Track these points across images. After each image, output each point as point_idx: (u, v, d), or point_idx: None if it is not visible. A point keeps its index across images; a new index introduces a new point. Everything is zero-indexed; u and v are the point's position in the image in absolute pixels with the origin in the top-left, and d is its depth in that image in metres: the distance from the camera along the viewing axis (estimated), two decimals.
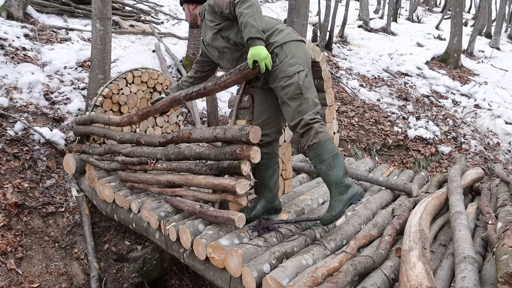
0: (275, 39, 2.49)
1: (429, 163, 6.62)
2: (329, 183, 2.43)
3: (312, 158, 2.45)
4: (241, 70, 2.36)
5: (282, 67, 2.45)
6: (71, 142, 4.39)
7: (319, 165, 2.42)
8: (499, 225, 2.34)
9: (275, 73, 2.47)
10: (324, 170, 2.41)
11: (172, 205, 2.93)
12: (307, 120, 2.40)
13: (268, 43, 2.47)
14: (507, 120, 7.57)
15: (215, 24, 2.57)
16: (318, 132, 2.39)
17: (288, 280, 2.04)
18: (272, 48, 2.48)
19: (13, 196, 3.69)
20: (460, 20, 10.37)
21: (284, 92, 2.44)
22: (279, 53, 2.46)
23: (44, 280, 3.42)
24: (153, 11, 9.70)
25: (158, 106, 2.98)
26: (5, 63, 5.04)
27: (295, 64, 2.46)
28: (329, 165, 2.39)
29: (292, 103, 2.42)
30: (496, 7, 16.05)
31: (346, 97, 7.69)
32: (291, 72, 2.43)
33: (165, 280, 3.94)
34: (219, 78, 2.47)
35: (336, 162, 2.40)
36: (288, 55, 2.47)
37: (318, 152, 2.39)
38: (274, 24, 2.57)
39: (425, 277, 1.75)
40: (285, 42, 2.49)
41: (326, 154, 2.39)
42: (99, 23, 4.40)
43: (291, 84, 2.42)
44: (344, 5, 11.69)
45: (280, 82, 2.45)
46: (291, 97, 2.42)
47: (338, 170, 2.40)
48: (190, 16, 2.80)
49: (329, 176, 2.41)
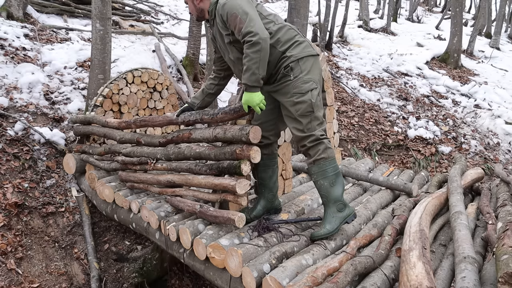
0: (292, 52, 2.44)
1: (429, 163, 6.62)
2: (328, 199, 2.47)
3: (315, 172, 2.46)
4: (236, 111, 2.38)
5: (296, 83, 2.42)
6: (71, 142, 4.39)
7: (322, 180, 2.45)
8: (499, 225, 2.34)
9: (288, 88, 2.44)
10: (325, 186, 2.45)
11: (172, 205, 2.93)
12: (317, 136, 2.42)
13: (284, 56, 2.44)
14: (507, 120, 7.57)
15: (227, 34, 2.47)
16: (327, 148, 2.43)
17: (288, 280, 2.04)
18: (288, 62, 2.43)
19: (13, 196, 3.69)
20: (460, 20, 10.37)
21: (295, 108, 2.42)
22: (294, 68, 2.42)
23: (44, 280, 3.42)
24: (153, 11, 9.70)
25: (156, 123, 3.03)
26: (5, 63, 5.04)
27: (309, 81, 2.43)
28: (331, 182, 2.43)
29: (303, 120, 2.42)
30: (496, 7, 16.05)
31: (346, 97, 7.69)
32: (304, 90, 2.41)
33: (165, 280, 3.94)
34: (215, 114, 2.50)
35: (338, 180, 2.46)
36: (304, 71, 2.43)
37: (324, 168, 2.42)
38: (293, 35, 2.49)
39: (425, 277, 1.75)
40: (302, 58, 2.45)
41: (330, 171, 2.43)
42: (99, 23, 4.40)
43: (303, 102, 2.40)
44: (344, 5, 11.69)
45: (292, 98, 2.42)
46: (302, 114, 2.41)
47: (338, 188, 2.46)
48: (196, 10, 2.63)
49: (330, 192, 2.45)
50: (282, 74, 2.45)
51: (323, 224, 2.49)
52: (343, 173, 3.78)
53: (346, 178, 3.81)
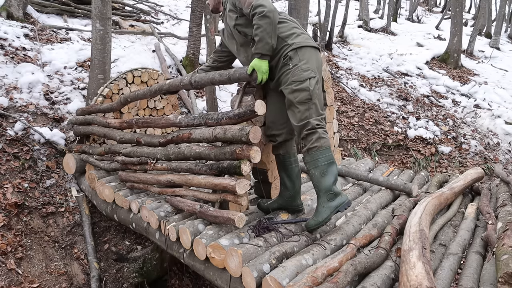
0: (293, 41, 2.49)
1: (429, 163, 6.62)
2: (319, 188, 2.47)
3: (308, 161, 2.47)
4: (240, 116, 2.40)
5: (295, 71, 2.46)
6: (71, 142, 4.39)
7: (313, 170, 2.46)
8: (499, 225, 2.34)
9: (287, 76, 2.48)
10: (316, 176, 2.45)
11: (172, 205, 2.93)
12: (313, 124, 2.43)
13: (284, 44, 2.49)
14: (507, 120, 7.57)
15: (235, 17, 2.57)
16: (321, 138, 2.43)
17: (288, 280, 2.04)
18: (287, 51, 2.48)
19: (13, 196, 3.69)
20: (460, 20, 10.37)
21: (293, 96, 2.45)
22: (293, 57, 2.47)
23: (44, 280, 3.42)
24: (153, 11, 9.70)
25: (159, 125, 3.04)
26: (5, 63, 5.04)
27: (308, 70, 2.47)
28: (322, 171, 2.43)
29: (301, 107, 2.44)
30: (496, 7, 16.06)
31: (346, 97, 7.69)
32: (303, 78, 2.45)
33: (165, 280, 3.94)
34: (220, 119, 2.52)
35: (329, 170, 2.45)
36: (302, 60, 2.47)
37: (316, 157, 2.43)
38: (291, 27, 2.57)
39: (425, 277, 1.75)
40: (301, 47, 2.49)
41: (322, 160, 2.43)
42: (99, 23, 4.40)
43: (302, 89, 2.44)
44: (344, 5, 11.69)
45: (291, 85, 2.46)
46: (300, 101, 2.44)
47: (329, 177, 2.44)
48: (214, 1, 2.77)
49: (320, 182, 2.45)
50: (282, 64, 2.51)
51: (315, 214, 2.51)
52: (343, 173, 3.78)
53: (346, 178, 3.81)
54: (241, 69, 2.50)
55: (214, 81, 2.61)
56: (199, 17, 6.59)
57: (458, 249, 2.47)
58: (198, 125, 2.72)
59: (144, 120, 3.18)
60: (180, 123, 2.82)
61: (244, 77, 2.49)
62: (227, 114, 2.48)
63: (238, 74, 2.49)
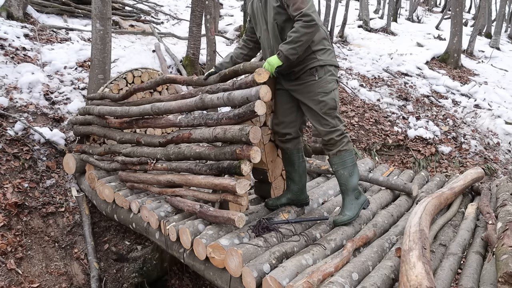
0: (322, 57, 2.59)
1: (429, 163, 6.62)
2: (347, 187, 2.68)
3: (336, 162, 2.66)
4: (240, 116, 2.42)
5: (321, 83, 2.58)
6: (71, 142, 4.39)
7: (342, 170, 2.65)
8: (499, 225, 2.34)
9: (311, 87, 2.59)
10: (345, 176, 2.66)
11: (172, 205, 2.93)
12: (342, 130, 2.64)
13: (313, 57, 2.57)
14: (507, 120, 7.57)
15: (277, 5, 2.54)
16: (349, 141, 2.67)
17: (288, 280, 2.04)
18: (316, 64, 2.57)
19: (13, 196, 3.69)
20: (460, 20, 10.36)
21: (319, 107, 2.59)
22: (319, 70, 2.59)
23: (44, 280, 3.42)
24: (153, 11, 9.71)
25: (159, 125, 3.02)
26: (5, 63, 5.04)
27: (332, 81, 2.61)
28: (350, 172, 2.66)
29: (328, 117, 2.60)
30: (496, 7, 16.05)
31: (346, 97, 7.69)
32: (328, 89, 2.59)
33: (165, 280, 3.94)
34: (220, 119, 2.53)
35: (355, 170, 2.70)
36: (327, 73, 2.61)
37: (345, 158, 2.64)
38: (321, 38, 2.62)
39: (425, 277, 1.75)
40: (329, 65, 2.61)
41: (350, 162, 2.66)
42: (99, 23, 4.40)
43: (328, 100, 2.58)
44: (344, 5, 11.69)
45: (317, 96, 2.59)
46: (327, 111, 2.59)
47: (356, 177, 2.69)
48: None
49: (348, 181, 2.67)
50: (307, 73, 2.59)
51: (343, 212, 2.70)
52: None
53: None
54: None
55: None
56: (199, 17, 6.59)
57: (458, 249, 2.47)
58: (198, 125, 2.73)
59: (144, 120, 3.18)
60: (180, 123, 2.83)
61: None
62: (227, 114, 2.48)
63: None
